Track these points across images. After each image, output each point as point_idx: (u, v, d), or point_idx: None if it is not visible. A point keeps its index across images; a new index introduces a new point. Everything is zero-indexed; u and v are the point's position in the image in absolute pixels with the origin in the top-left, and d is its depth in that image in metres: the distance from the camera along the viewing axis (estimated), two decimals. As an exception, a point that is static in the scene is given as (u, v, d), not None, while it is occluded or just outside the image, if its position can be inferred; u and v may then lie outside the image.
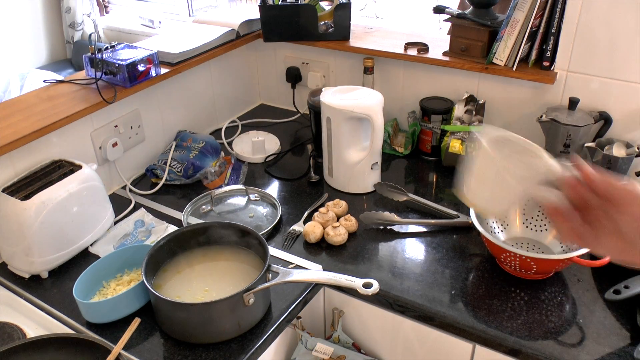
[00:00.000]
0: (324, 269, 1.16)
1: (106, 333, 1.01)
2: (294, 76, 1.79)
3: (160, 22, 2.79)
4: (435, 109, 1.50)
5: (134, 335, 1.00)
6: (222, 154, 1.57)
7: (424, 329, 1.09)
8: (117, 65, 1.33)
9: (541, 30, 1.34)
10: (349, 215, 1.27)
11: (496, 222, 1.18)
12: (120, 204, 1.38)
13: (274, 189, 1.46)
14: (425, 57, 1.49)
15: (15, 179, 1.16)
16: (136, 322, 1.02)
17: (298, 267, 1.16)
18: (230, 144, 1.68)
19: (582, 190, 0.57)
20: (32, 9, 3.10)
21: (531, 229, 1.18)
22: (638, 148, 1.26)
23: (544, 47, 1.35)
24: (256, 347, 0.99)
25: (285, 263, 1.18)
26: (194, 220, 1.32)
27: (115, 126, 1.40)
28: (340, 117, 1.32)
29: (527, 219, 1.19)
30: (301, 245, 1.24)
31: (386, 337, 1.19)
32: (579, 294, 1.07)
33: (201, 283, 1.06)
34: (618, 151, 1.25)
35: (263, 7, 1.63)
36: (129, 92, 1.35)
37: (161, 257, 1.09)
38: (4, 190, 1.13)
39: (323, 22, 1.63)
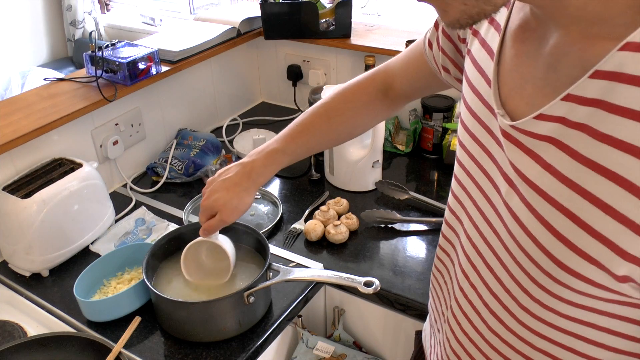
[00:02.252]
0: (324, 268, 1.16)
1: (107, 331, 1.01)
2: (295, 74, 1.79)
3: (161, 20, 2.79)
4: (437, 107, 1.49)
5: (135, 334, 1.00)
6: (223, 152, 1.57)
7: (425, 328, 1.09)
8: (117, 63, 1.32)
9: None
10: (350, 213, 1.27)
11: None
12: (121, 202, 1.38)
13: (274, 187, 1.46)
14: (427, 55, 1.49)
15: (15, 177, 1.16)
16: (137, 320, 1.02)
17: (299, 265, 1.16)
18: (231, 142, 1.68)
19: None
20: (33, 7, 3.10)
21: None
22: None
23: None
24: (257, 345, 0.99)
25: (286, 261, 1.17)
26: (195, 219, 1.32)
27: (116, 124, 1.40)
28: (341, 115, 1.31)
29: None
30: (302, 243, 1.24)
31: (387, 336, 1.19)
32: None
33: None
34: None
35: (264, 4, 1.63)
36: (129, 90, 1.35)
37: (162, 256, 1.09)
38: (4, 189, 1.13)
39: (324, 20, 1.63)
